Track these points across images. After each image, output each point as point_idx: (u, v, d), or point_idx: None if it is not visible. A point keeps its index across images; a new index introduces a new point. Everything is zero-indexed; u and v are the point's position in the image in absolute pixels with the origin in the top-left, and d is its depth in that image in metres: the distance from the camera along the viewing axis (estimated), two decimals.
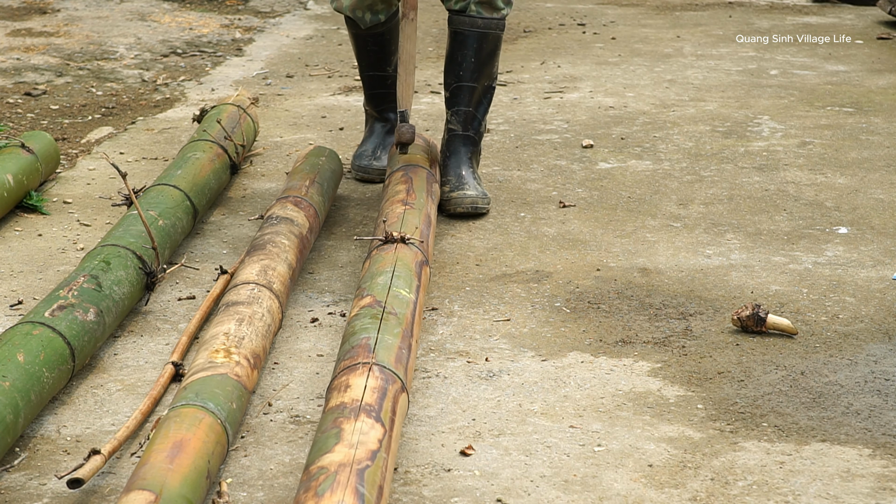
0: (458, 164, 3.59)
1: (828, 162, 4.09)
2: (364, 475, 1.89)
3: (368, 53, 3.77)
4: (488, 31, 3.53)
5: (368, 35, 3.72)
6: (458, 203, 3.51)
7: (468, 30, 3.52)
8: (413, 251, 2.83)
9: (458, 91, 3.58)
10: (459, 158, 3.60)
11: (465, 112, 3.59)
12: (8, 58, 5.65)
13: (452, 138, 3.62)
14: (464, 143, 3.61)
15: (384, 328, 2.40)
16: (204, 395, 2.19)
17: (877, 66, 5.58)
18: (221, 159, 3.64)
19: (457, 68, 3.56)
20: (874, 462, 2.26)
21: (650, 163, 4.09)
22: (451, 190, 3.53)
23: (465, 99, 3.58)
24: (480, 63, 3.56)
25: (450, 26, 3.59)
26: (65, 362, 2.43)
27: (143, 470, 1.94)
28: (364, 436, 2.00)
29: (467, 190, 3.52)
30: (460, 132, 3.61)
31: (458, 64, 3.56)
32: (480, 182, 3.62)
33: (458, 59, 3.55)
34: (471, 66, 3.55)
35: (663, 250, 3.32)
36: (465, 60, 3.54)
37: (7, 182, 3.45)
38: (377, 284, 2.61)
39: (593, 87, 5.14)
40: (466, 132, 3.61)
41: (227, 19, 6.76)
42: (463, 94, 3.58)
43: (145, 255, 2.87)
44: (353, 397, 2.12)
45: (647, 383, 2.58)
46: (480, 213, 3.55)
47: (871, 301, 2.98)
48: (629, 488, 2.17)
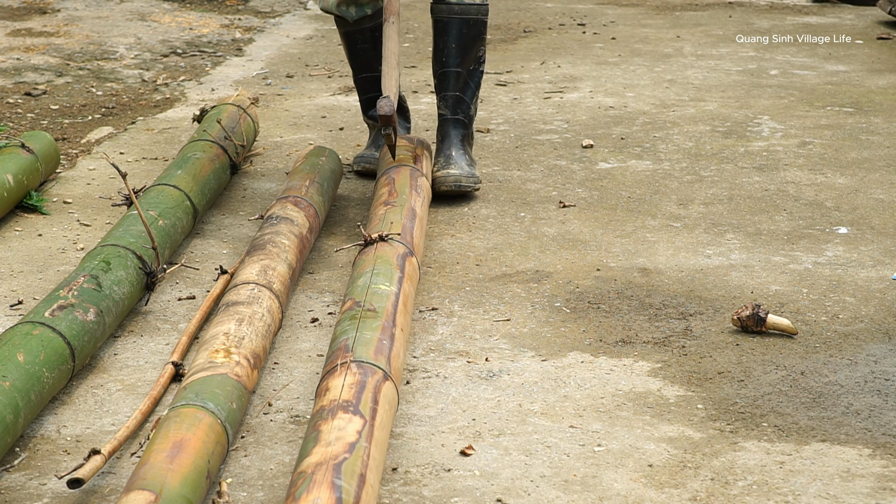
0: (449, 145, 3.71)
1: (828, 162, 4.09)
2: (341, 468, 1.90)
3: (359, 53, 3.82)
4: (467, 16, 3.64)
5: (357, 31, 3.78)
6: (441, 182, 3.62)
7: (447, 17, 3.64)
8: (393, 246, 2.83)
9: (445, 77, 3.69)
10: (450, 140, 3.71)
11: (452, 96, 3.70)
12: (8, 58, 5.65)
13: (443, 122, 3.74)
14: (454, 126, 3.72)
15: (362, 326, 2.41)
16: (204, 395, 2.19)
17: (877, 66, 5.58)
18: (221, 159, 3.64)
19: (440, 55, 3.67)
20: (874, 462, 2.26)
21: (650, 163, 4.09)
22: (437, 170, 3.66)
23: (452, 84, 3.68)
24: (462, 48, 3.65)
25: (432, 15, 3.70)
26: (65, 362, 2.43)
27: (143, 470, 1.94)
28: (341, 431, 2.01)
29: (451, 169, 3.63)
30: (449, 116, 3.72)
31: (441, 51, 3.66)
32: (472, 164, 3.70)
33: (441, 45, 3.66)
34: (453, 51, 3.65)
35: (663, 250, 3.32)
36: (446, 47, 3.65)
37: (7, 182, 3.45)
38: (357, 287, 2.63)
39: (593, 87, 5.14)
40: (455, 115, 3.71)
41: (227, 19, 6.76)
42: (449, 80, 3.68)
43: (145, 255, 2.87)
44: (331, 398, 2.14)
45: (647, 383, 2.58)
46: (465, 192, 3.64)
47: (871, 301, 2.98)
48: (629, 488, 2.17)
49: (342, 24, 3.79)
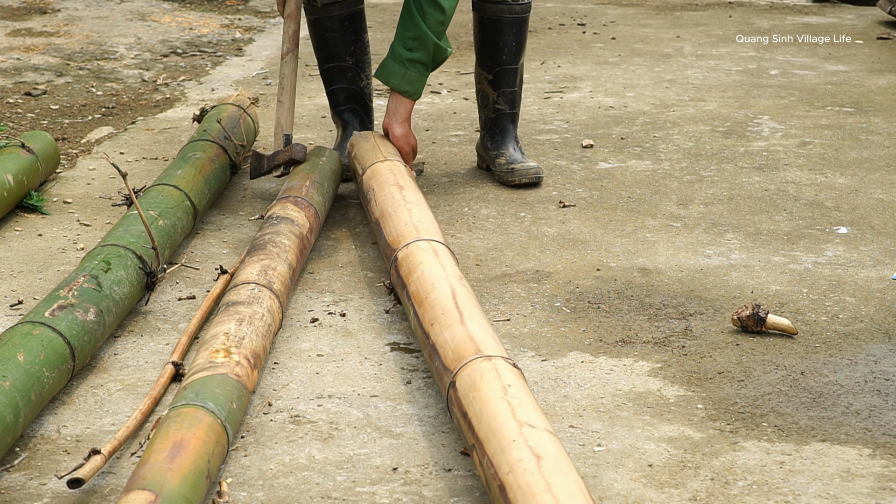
0: (511, 138, 3.92)
1: (828, 162, 4.09)
2: None
3: (327, 41, 3.89)
4: (525, 15, 3.85)
5: (326, 18, 3.85)
6: (523, 174, 3.82)
7: (507, 17, 3.79)
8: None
9: (502, 74, 3.86)
10: (511, 134, 3.92)
11: (510, 92, 3.89)
12: (8, 58, 5.65)
13: (501, 117, 3.91)
14: (512, 121, 3.92)
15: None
16: (204, 395, 2.19)
17: (877, 66, 5.58)
18: (221, 159, 3.64)
19: (499, 53, 3.84)
20: (874, 462, 2.26)
21: (650, 163, 4.09)
22: (508, 163, 3.85)
23: (510, 80, 3.87)
24: (519, 47, 3.86)
25: (483, 13, 3.81)
26: (65, 362, 2.43)
27: (142, 470, 1.94)
28: None
29: (529, 162, 3.86)
30: (508, 111, 3.91)
31: (500, 49, 3.83)
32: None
33: (500, 44, 3.82)
34: (512, 49, 3.84)
35: (663, 250, 3.32)
36: (506, 45, 3.83)
37: (7, 182, 3.45)
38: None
39: (593, 87, 5.14)
40: (513, 110, 3.92)
41: (227, 19, 6.76)
42: (507, 76, 3.86)
43: (145, 254, 2.87)
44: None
45: (647, 383, 2.58)
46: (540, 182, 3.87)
47: (871, 301, 2.98)
48: (629, 488, 2.17)
49: (311, 11, 3.87)
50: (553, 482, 1.87)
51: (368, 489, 2.17)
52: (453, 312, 2.46)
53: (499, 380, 2.17)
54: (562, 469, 1.91)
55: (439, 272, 2.66)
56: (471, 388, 2.19)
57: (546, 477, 1.88)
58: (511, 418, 2.04)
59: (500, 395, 2.12)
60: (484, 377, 2.19)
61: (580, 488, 1.87)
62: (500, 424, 2.04)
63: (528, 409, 2.08)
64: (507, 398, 2.11)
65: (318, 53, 3.93)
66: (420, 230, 2.91)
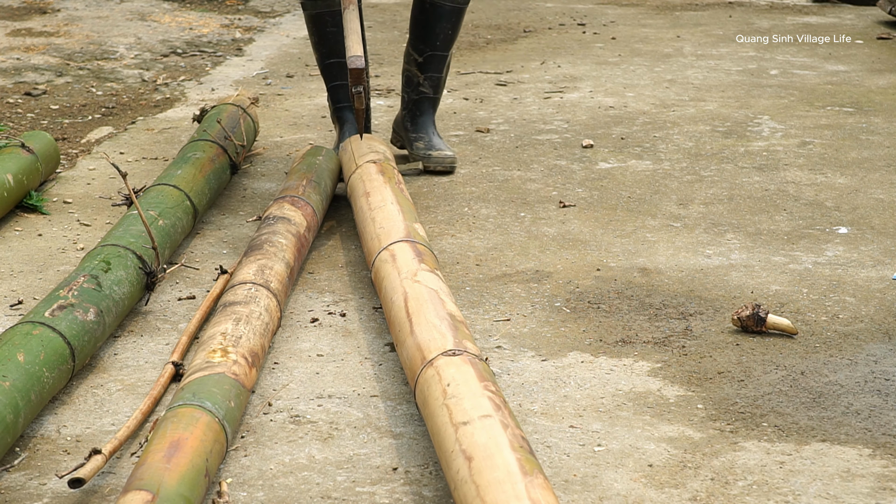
0: (429, 124, 4.02)
1: (828, 162, 4.09)
2: None
3: (327, 36, 3.91)
4: (464, 6, 3.91)
5: (327, 14, 3.87)
6: (438, 161, 3.93)
7: (449, 5, 3.87)
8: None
9: (433, 59, 3.94)
10: (429, 119, 4.02)
11: (437, 78, 3.98)
12: (8, 58, 5.65)
13: (423, 101, 4.01)
14: (432, 106, 4.02)
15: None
16: (201, 395, 2.19)
17: (877, 66, 5.58)
18: (221, 159, 3.64)
19: (433, 38, 3.92)
20: (874, 462, 2.26)
21: (650, 163, 4.09)
22: (426, 148, 3.95)
23: (439, 66, 3.97)
24: (454, 35, 3.93)
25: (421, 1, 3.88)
26: (65, 362, 2.43)
27: (140, 470, 1.94)
28: None
29: (446, 151, 3.95)
30: (431, 95, 4.01)
31: (436, 35, 3.91)
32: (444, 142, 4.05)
33: (437, 30, 3.89)
34: (448, 37, 3.92)
35: (663, 250, 3.32)
36: (442, 32, 3.91)
37: (7, 182, 3.45)
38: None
39: (593, 87, 5.14)
40: (436, 95, 4.01)
41: (227, 19, 6.76)
42: (437, 62, 3.95)
43: (145, 254, 2.87)
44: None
45: (647, 383, 2.58)
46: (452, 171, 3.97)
47: (871, 301, 2.98)
48: (629, 488, 2.17)
49: (310, 6, 3.87)
50: (481, 483, 1.85)
51: (368, 489, 2.17)
52: (405, 324, 2.47)
53: (440, 383, 2.18)
54: (490, 459, 1.89)
55: (395, 281, 2.65)
56: (423, 406, 2.21)
57: (475, 479, 1.87)
58: (449, 425, 2.04)
59: (441, 401, 2.12)
60: (430, 388, 2.20)
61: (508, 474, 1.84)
62: (443, 438, 2.04)
63: (462, 402, 2.08)
64: (446, 402, 2.11)
65: (319, 50, 3.94)
66: (382, 239, 2.90)
